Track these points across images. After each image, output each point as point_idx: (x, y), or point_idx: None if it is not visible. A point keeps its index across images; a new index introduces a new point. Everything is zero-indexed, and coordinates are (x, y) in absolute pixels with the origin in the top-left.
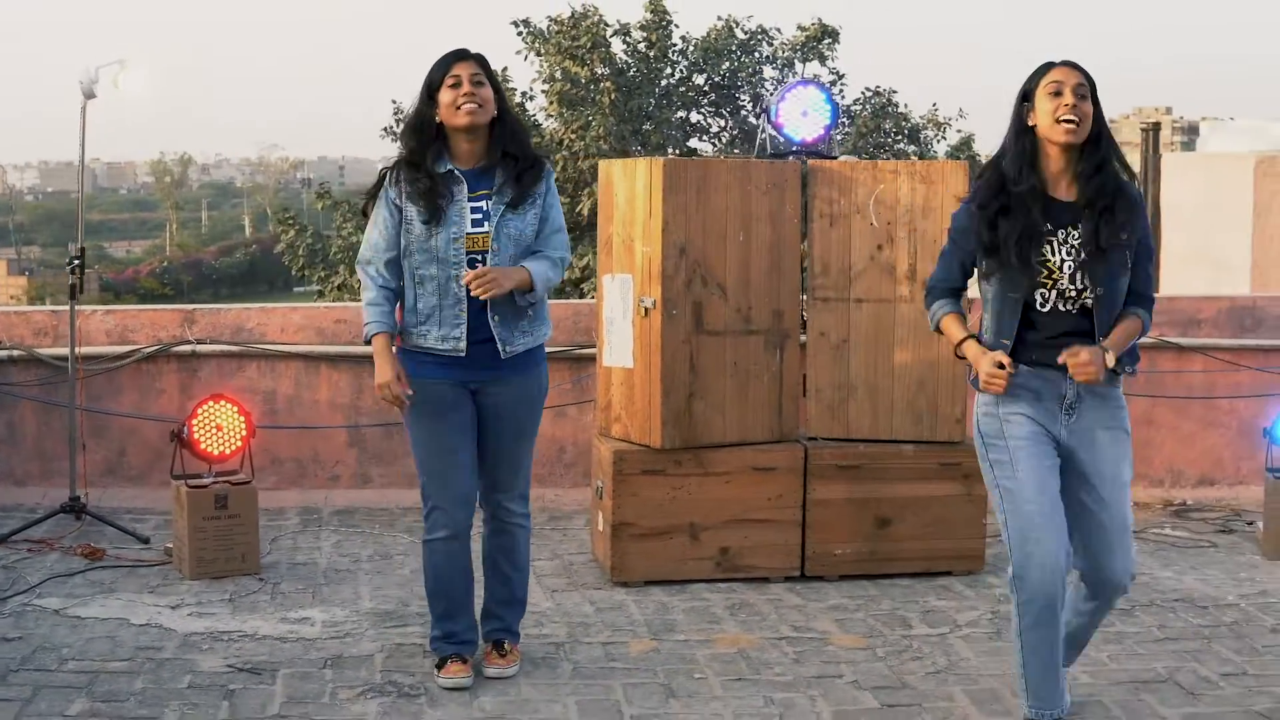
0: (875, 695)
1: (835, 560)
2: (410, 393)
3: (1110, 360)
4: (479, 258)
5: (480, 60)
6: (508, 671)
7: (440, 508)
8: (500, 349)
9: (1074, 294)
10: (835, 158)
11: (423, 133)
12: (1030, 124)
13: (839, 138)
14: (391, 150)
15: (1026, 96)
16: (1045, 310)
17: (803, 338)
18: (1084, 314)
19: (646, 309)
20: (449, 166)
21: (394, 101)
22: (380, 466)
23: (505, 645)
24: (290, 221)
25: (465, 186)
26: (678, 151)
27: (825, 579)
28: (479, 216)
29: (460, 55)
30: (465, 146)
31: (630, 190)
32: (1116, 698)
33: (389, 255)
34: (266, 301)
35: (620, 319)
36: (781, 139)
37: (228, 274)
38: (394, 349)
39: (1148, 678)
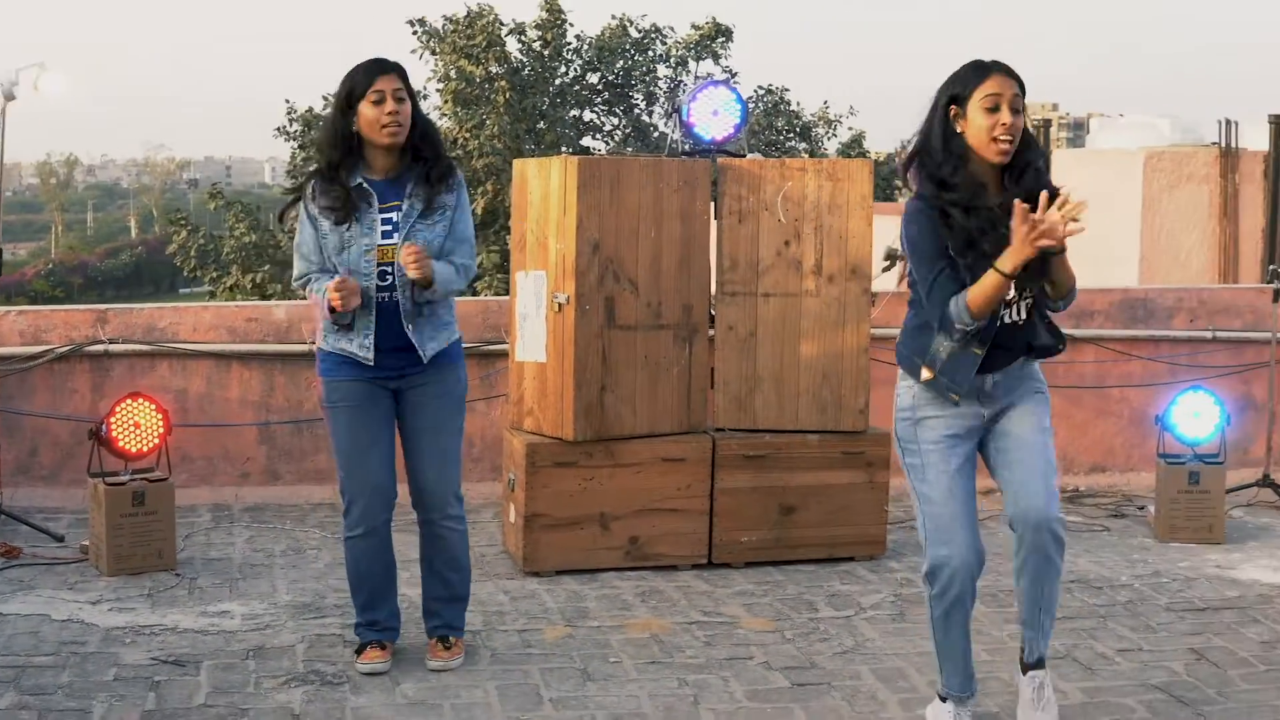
0: (786, 675)
1: (741, 548)
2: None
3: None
4: (389, 268)
5: (401, 73)
6: (452, 664)
7: (358, 503)
8: (421, 354)
9: (1016, 295)
10: (744, 156)
11: (339, 145)
12: (959, 130)
13: None
14: (284, 150)
15: (956, 100)
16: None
17: (711, 332)
18: (1022, 324)
19: (560, 304)
20: (360, 179)
21: (288, 101)
22: (290, 463)
23: (450, 640)
24: (182, 222)
25: (375, 199)
26: (570, 150)
27: (732, 566)
28: (389, 228)
29: (383, 68)
30: (381, 160)
31: (545, 188)
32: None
33: (317, 262)
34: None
35: (533, 314)
36: (691, 137)
37: (113, 276)
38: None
39: (1047, 655)
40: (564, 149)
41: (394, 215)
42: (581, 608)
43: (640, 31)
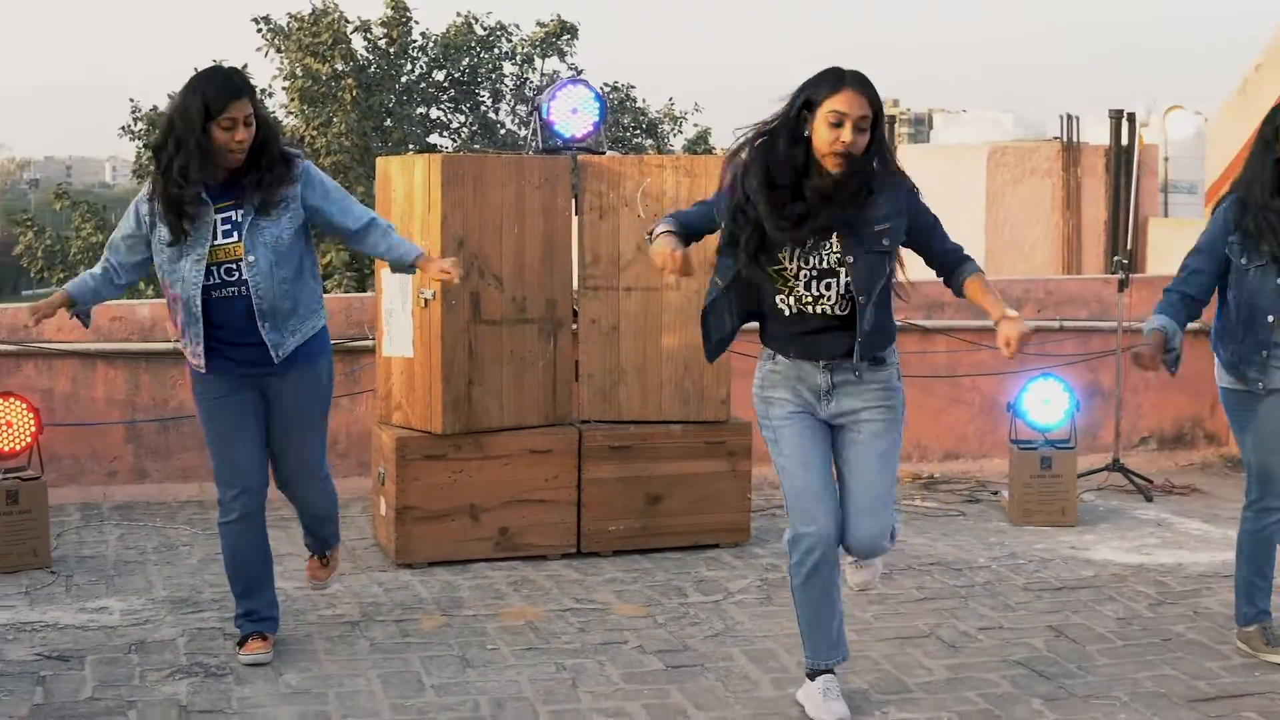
0: (660, 658)
1: (609, 537)
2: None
3: (1020, 323)
4: (233, 265)
5: (251, 94)
6: (330, 583)
7: (230, 491)
8: (273, 354)
9: (812, 298)
10: (604, 153)
11: (194, 161)
12: (806, 134)
13: None
14: (126, 149)
15: (809, 105)
16: (796, 309)
17: (575, 326)
18: (838, 318)
19: (426, 300)
20: (198, 188)
21: (132, 100)
22: (157, 461)
23: (326, 554)
24: (28, 224)
25: (211, 205)
26: (416, 148)
27: (600, 555)
28: (228, 227)
29: (237, 93)
30: (223, 172)
31: (408, 186)
32: (884, 652)
33: (121, 259)
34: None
35: (400, 310)
36: (551, 135)
37: None
38: (69, 311)
39: (911, 634)
40: (411, 147)
41: (233, 214)
42: (456, 598)
43: (486, 29)
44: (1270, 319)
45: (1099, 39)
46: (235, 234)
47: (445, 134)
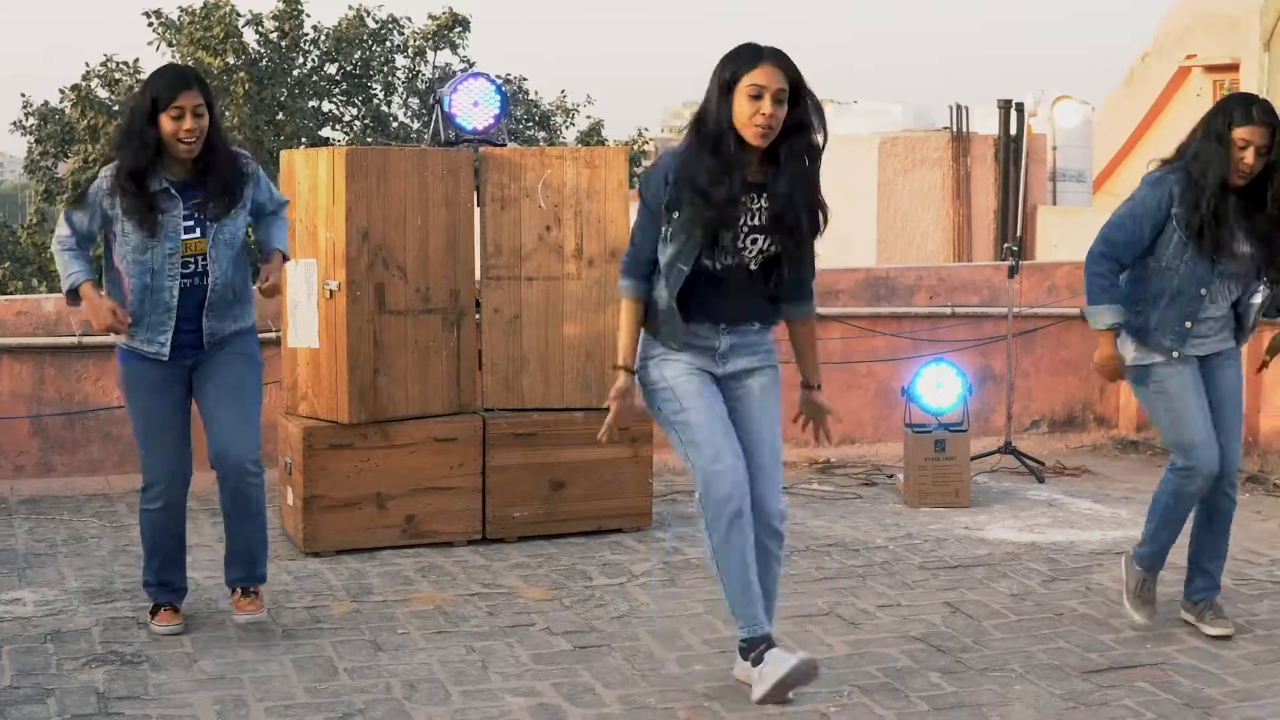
0: (568, 639)
1: (514, 522)
2: (130, 320)
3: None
4: (195, 260)
5: (202, 86)
6: (260, 616)
7: (156, 481)
8: (205, 340)
9: (737, 250)
10: (505, 145)
11: (144, 153)
12: (728, 113)
13: None
14: (19, 145)
15: (730, 84)
16: (722, 265)
17: (478, 315)
18: (755, 274)
19: (331, 291)
20: (165, 184)
21: (23, 95)
22: (63, 455)
23: (251, 590)
24: None
25: (180, 201)
26: (306, 142)
27: (506, 541)
28: (191, 224)
29: (186, 83)
30: (179, 164)
31: (313, 178)
32: (786, 630)
33: (82, 239)
34: None
35: (305, 301)
36: (454, 128)
37: None
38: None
39: (811, 612)
40: (303, 140)
41: (195, 213)
42: (365, 584)
43: (377, 22)
44: (1204, 292)
45: (987, 30)
46: (198, 230)
47: (338, 127)
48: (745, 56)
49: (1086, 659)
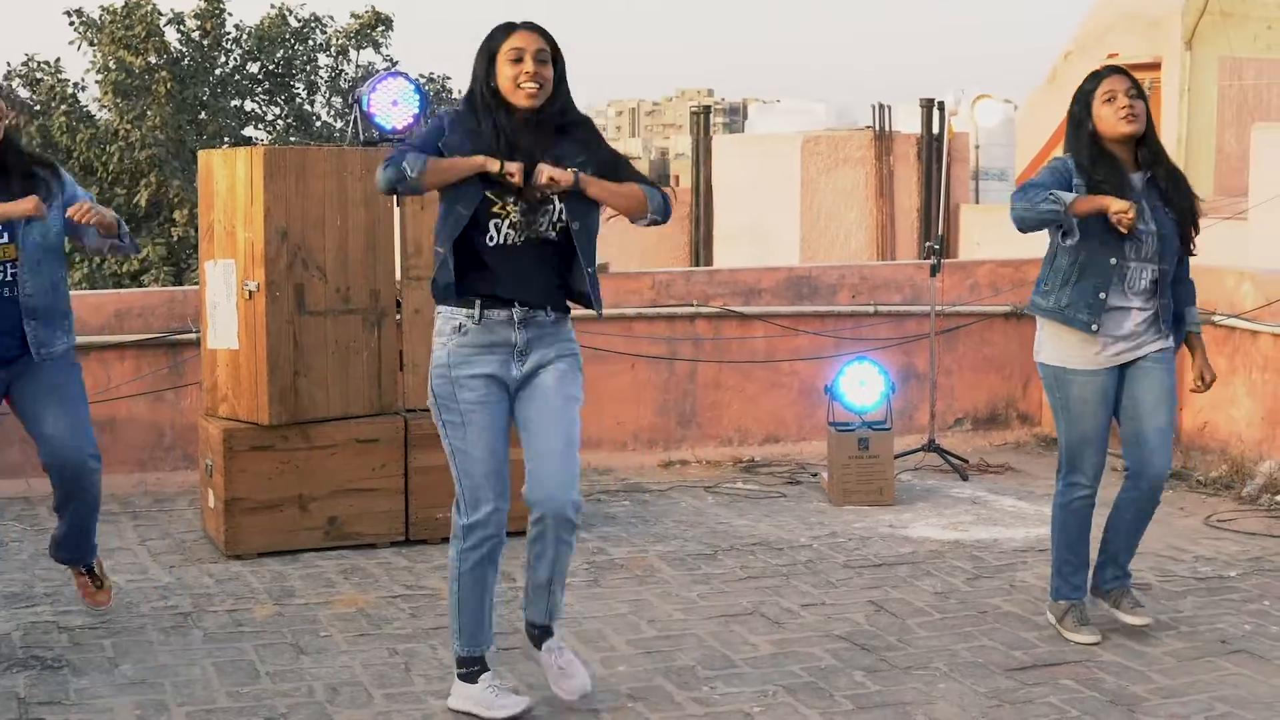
0: None
1: (438, 524)
2: None
3: (585, 184)
4: (8, 265)
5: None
6: (102, 603)
7: None
8: (35, 351)
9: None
10: None
11: None
12: (494, 85)
13: None
14: None
15: (491, 59)
16: (497, 245)
17: (398, 315)
18: (549, 247)
19: (250, 292)
20: None
21: None
22: None
23: (94, 568)
24: None
25: None
26: (229, 141)
27: (429, 542)
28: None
29: None
30: None
31: (231, 178)
32: (710, 630)
33: None
34: None
35: (224, 302)
36: (372, 127)
37: None
38: None
39: (735, 611)
40: (226, 140)
41: None
42: (287, 587)
43: (300, 21)
44: (1113, 261)
45: (912, 31)
46: (5, 234)
47: (260, 126)
48: (500, 30)
49: (1011, 656)
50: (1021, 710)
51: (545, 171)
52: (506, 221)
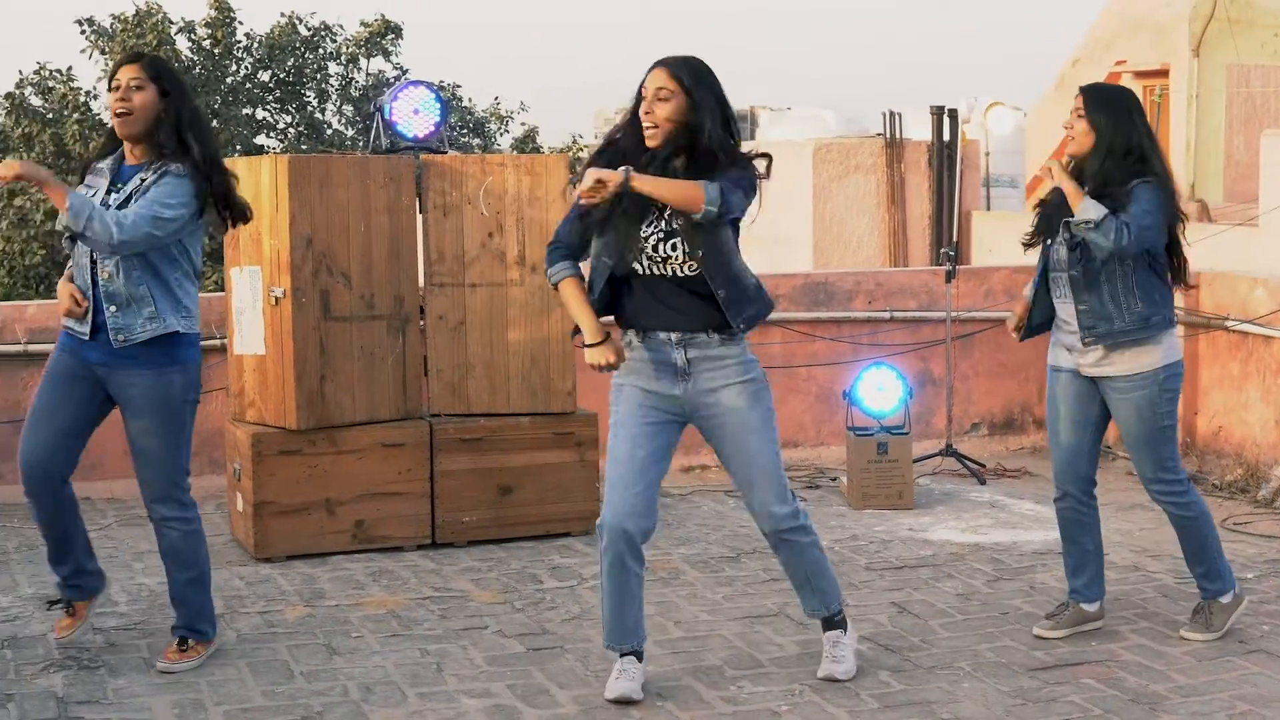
0: (521, 641)
1: (464, 527)
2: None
3: (635, 181)
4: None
5: (144, 63)
6: (175, 666)
7: (21, 466)
8: (113, 337)
9: (660, 258)
10: (446, 152)
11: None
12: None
13: None
14: None
15: (638, 101)
16: (648, 269)
17: (423, 321)
18: (685, 281)
19: (277, 298)
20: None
21: None
22: (11, 463)
23: (187, 641)
24: None
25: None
26: (241, 149)
27: (455, 545)
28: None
29: (128, 60)
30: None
31: (255, 186)
32: (736, 630)
33: None
34: None
35: (250, 309)
36: (394, 135)
37: None
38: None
39: (760, 612)
40: (238, 148)
41: (113, 197)
42: (317, 589)
43: (310, 29)
44: (1050, 277)
45: (920, 37)
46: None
47: (272, 135)
48: (649, 68)
49: (1033, 657)
50: (1045, 709)
51: (591, 174)
52: (645, 255)
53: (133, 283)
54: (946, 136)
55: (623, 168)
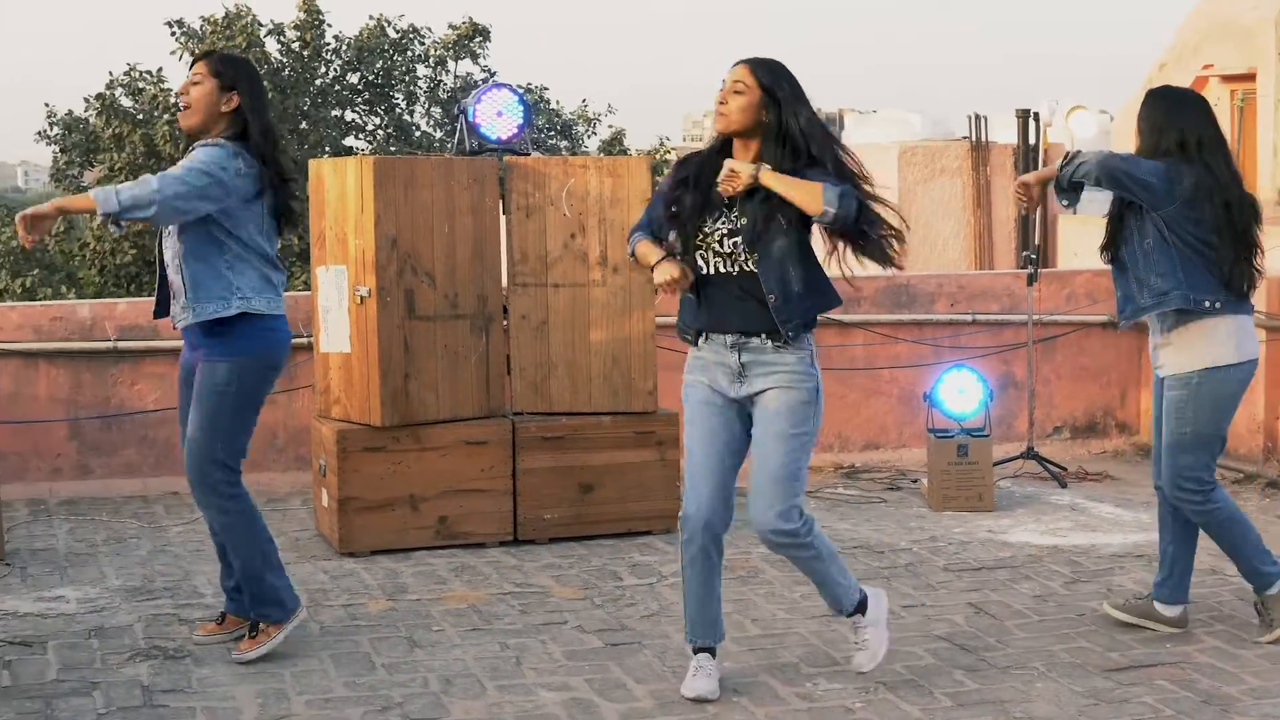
0: (599, 636)
1: (545, 524)
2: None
3: (763, 175)
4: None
5: (206, 60)
6: (244, 655)
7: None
8: (188, 312)
9: (725, 254)
10: (529, 154)
11: None
12: None
13: None
14: (42, 154)
15: None
16: (713, 267)
17: (506, 321)
18: (749, 278)
19: (362, 297)
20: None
21: (47, 105)
22: (100, 458)
23: (257, 626)
24: None
25: None
26: (330, 151)
27: (537, 542)
28: None
29: (198, 57)
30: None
31: (341, 187)
32: (812, 629)
33: None
34: None
35: (336, 307)
36: (478, 137)
37: None
38: None
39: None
40: (326, 150)
41: None
42: (400, 583)
43: (398, 32)
44: None
45: (1006, 40)
46: None
47: (360, 136)
48: None
49: (1108, 658)
50: (1118, 709)
51: (727, 164)
52: (711, 251)
53: (180, 269)
54: (1031, 140)
55: (754, 162)
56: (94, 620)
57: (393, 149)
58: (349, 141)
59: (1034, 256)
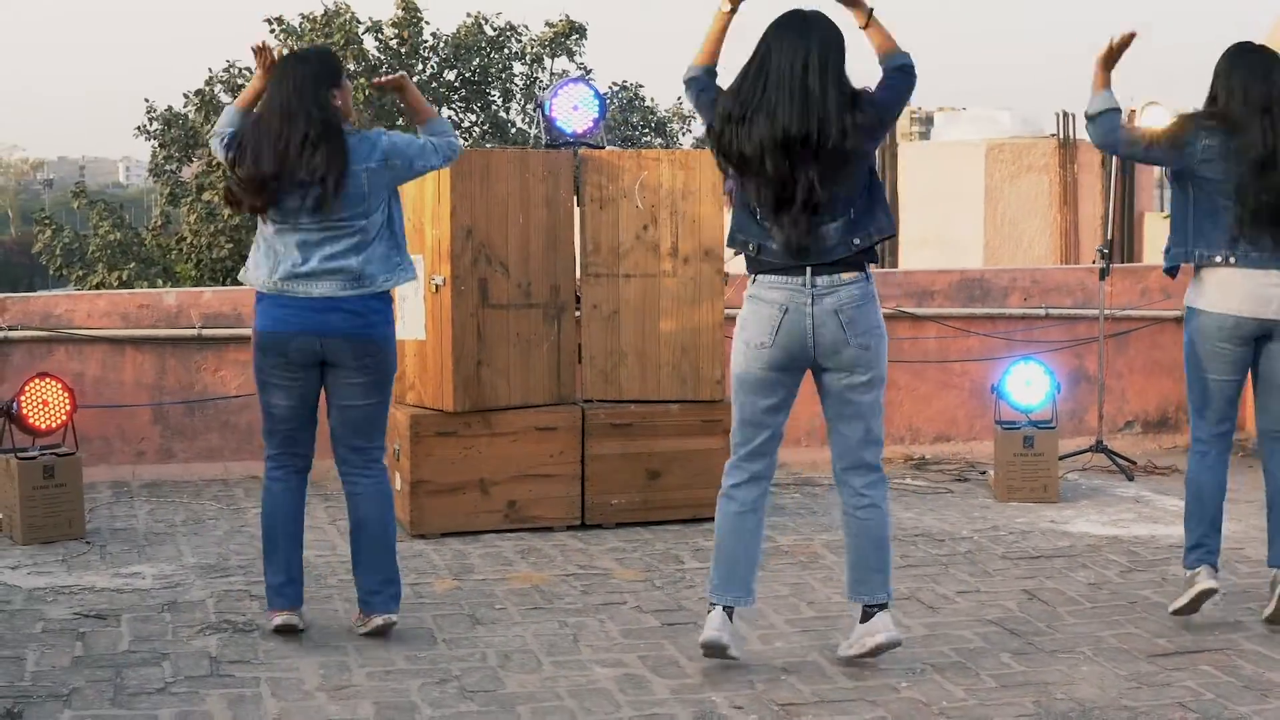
0: (657, 617)
1: (612, 509)
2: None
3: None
4: None
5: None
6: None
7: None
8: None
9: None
10: (604, 148)
11: None
12: None
13: None
14: (141, 149)
15: None
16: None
17: (577, 310)
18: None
19: (437, 286)
20: None
21: (147, 100)
22: (183, 442)
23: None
24: (47, 222)
25: None
26: None
27: (603, 526)
28: None
29: None
30: None
31: (420, 179)
32: None
33: None
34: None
35: (412, 295)
36: (554, 131)
37: None
38: None
39: (893, 596)
40: None
41: None
42: (466, 564)
43: (495, 29)
44: None
45: (1094, 37)
46: None
47: (457, 133)
48: None
49: (1154, 644)
50: (1159, 692)
51: None
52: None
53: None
54: None
55: None
56: (167, 595)
57: (488, 145)
58: None
59: (1106, 251)
